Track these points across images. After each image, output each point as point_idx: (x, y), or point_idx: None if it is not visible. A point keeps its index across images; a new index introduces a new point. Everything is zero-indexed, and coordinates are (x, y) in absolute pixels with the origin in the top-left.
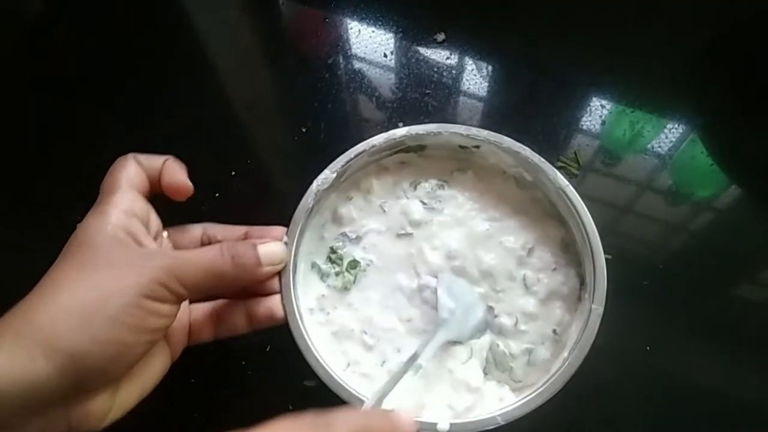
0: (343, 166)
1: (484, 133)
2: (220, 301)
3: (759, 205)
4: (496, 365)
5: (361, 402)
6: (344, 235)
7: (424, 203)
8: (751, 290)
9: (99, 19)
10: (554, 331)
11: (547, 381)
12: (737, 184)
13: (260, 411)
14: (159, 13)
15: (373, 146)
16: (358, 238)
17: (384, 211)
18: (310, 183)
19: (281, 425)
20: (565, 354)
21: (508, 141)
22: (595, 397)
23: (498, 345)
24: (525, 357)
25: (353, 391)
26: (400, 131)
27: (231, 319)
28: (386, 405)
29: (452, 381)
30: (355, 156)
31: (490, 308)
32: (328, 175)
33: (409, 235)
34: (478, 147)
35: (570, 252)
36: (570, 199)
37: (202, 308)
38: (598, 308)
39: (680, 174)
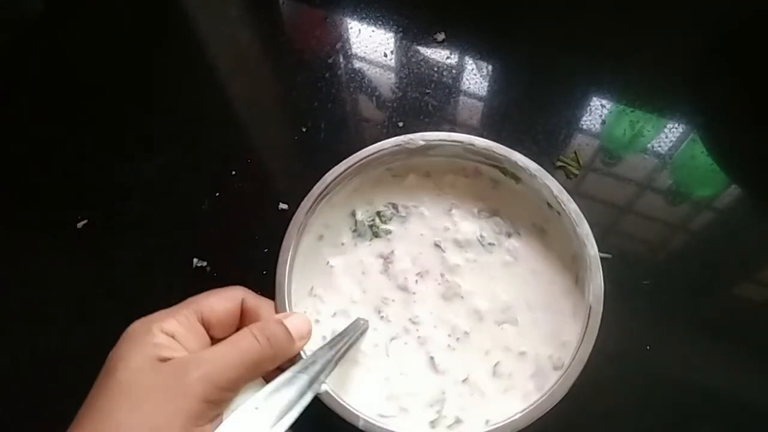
0: (437, 141)
1: (573, 206)
2: None
3: (759, 205)
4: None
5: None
6: (395, 206)
7: (481, 237)
8: (752, 290)
9: (99, 19)
10: None
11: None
12: (737, 183)
13: None
14: (159, 13)
15: (470, 144)
16: (407, 215)
17: (450, 211)
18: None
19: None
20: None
21: (586, 227)
22: (595, 396)
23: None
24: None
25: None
26: (501, 148)
27: None
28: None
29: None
30: (450, 141)
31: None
32: (414, 139)
33: (443, 251)
34: (558, 214)
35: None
36: None
37: None
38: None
39: (680, 173)
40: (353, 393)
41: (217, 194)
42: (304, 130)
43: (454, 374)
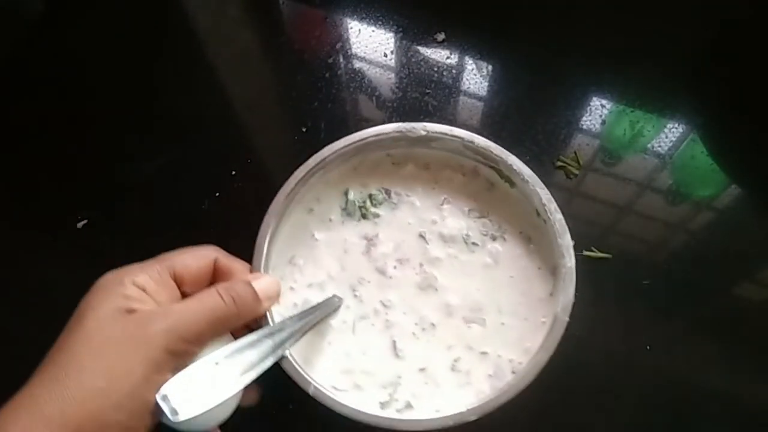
0: (438, 133)
1: (559, 217)
2: None
3: (759, 205)
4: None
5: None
6: (388, 192)
7: (467, 235)
8: (751, 290)
9: (99, 19)
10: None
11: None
12: (737, 183)
13: (260, 411)
14: (159, 13)
15: (470, 141)
16: (398, 203)
17: (441, 205)
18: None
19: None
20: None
21: (568, 239)
22: (595, 396)
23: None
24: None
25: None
26: (499, 149)
27: None
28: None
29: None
30: (451, 136)
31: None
32: (416, 128)
33: (426, 243)
34: (545, 222)
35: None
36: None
37: None
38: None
39: (680, 173)
40: (312, 361)
41: (217, 194)
42: (304, 130)
43: (414, 362)
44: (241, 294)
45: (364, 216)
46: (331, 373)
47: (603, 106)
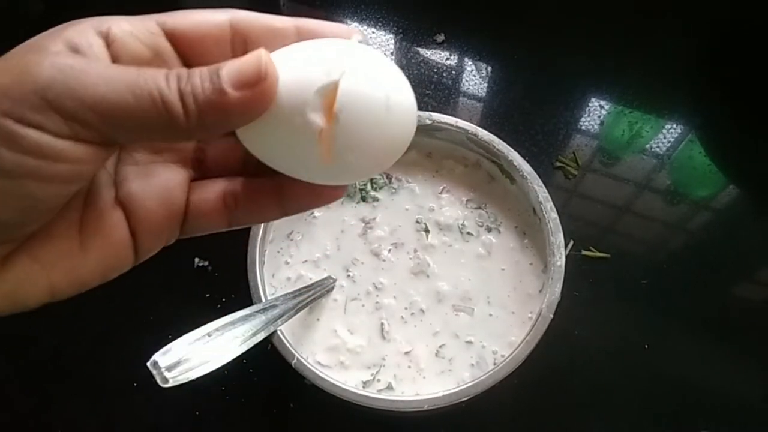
0: (443, 123)
1: (554, 215)
2: (237, 180)
3: (757, 204)
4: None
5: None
6: (389, 177)
7: (462, 225)
8: (750, 289)
9: None
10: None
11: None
12: (735, 183)
13: (260, 410)
14: (158, 13)
15: (473, 134)
16: (398, 188)
17: (440, 193)
18: None
19: None
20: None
21: (560, 237)
22: (594, 395)
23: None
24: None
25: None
26: (502, 144)
27: (255, 203)
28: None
29: None
30: (455, 127)
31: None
32: (421, 117)
33: (422, 229)
34: (540, 220)
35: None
36: None
37: (212, 187)
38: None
39: (679, 174)
40: (300, 336)
41: None
42: None
43: (399, 345)
44: (196, 91)
45: (363, 198)
46: (318, 349)
47: (602, 106)
